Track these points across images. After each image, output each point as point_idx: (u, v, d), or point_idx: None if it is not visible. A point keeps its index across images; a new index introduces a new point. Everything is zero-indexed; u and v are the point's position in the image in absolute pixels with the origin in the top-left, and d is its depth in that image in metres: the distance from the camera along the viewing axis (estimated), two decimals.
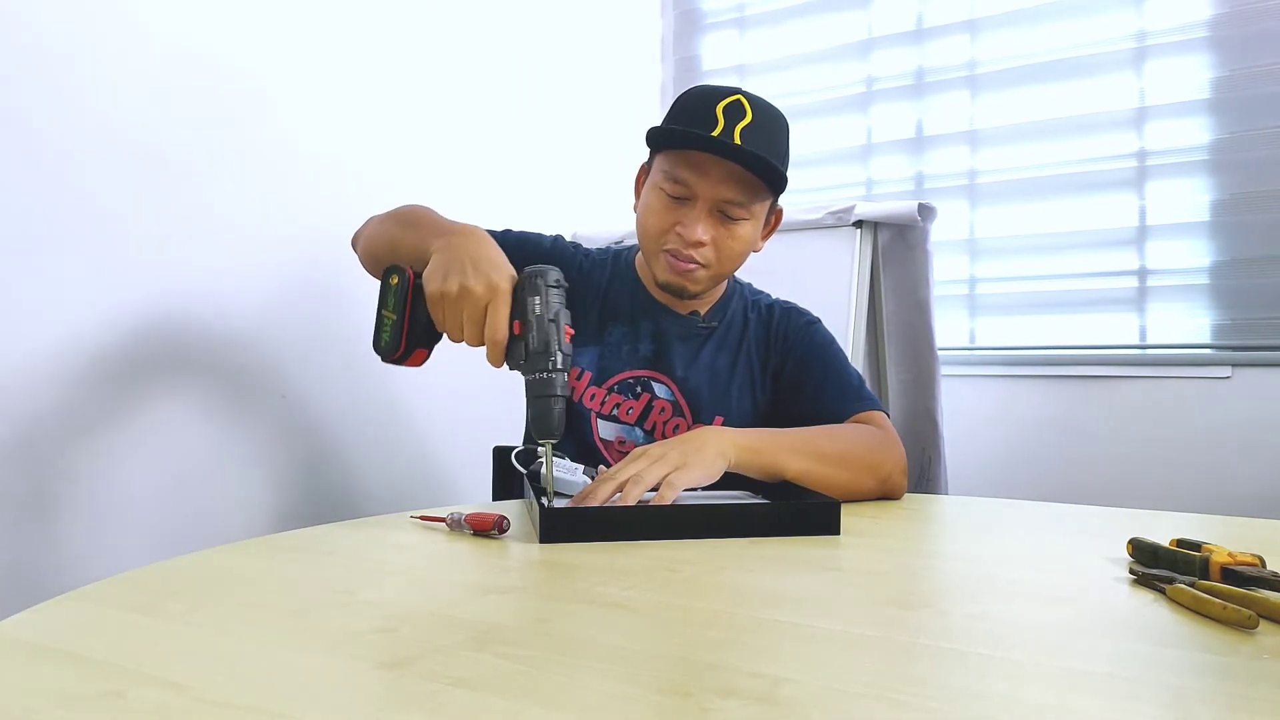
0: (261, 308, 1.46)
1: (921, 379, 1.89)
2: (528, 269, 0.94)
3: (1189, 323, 1.89)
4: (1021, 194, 2.04)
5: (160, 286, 1.32)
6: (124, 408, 1.27)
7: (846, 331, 1.74)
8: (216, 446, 1.39)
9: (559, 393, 0.92)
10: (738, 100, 1.15)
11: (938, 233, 1.90)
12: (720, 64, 2.42)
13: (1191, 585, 0.65)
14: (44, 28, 1.18)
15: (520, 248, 1.15)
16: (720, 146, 1.12)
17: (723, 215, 1.16)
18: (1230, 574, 0.68)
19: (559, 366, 0.91)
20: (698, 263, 1.17)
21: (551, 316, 0.92)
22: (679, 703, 0.46)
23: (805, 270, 1.80)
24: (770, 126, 1.17)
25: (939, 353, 1.89)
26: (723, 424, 1.23)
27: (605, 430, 1.24)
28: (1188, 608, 0.63)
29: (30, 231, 1.17)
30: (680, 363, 1.26)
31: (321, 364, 1.55)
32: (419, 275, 0.97)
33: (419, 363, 1.01)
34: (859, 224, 1.80)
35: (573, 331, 0.94)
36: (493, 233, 1.13)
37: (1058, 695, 0.48)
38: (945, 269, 2.06)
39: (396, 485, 1.32)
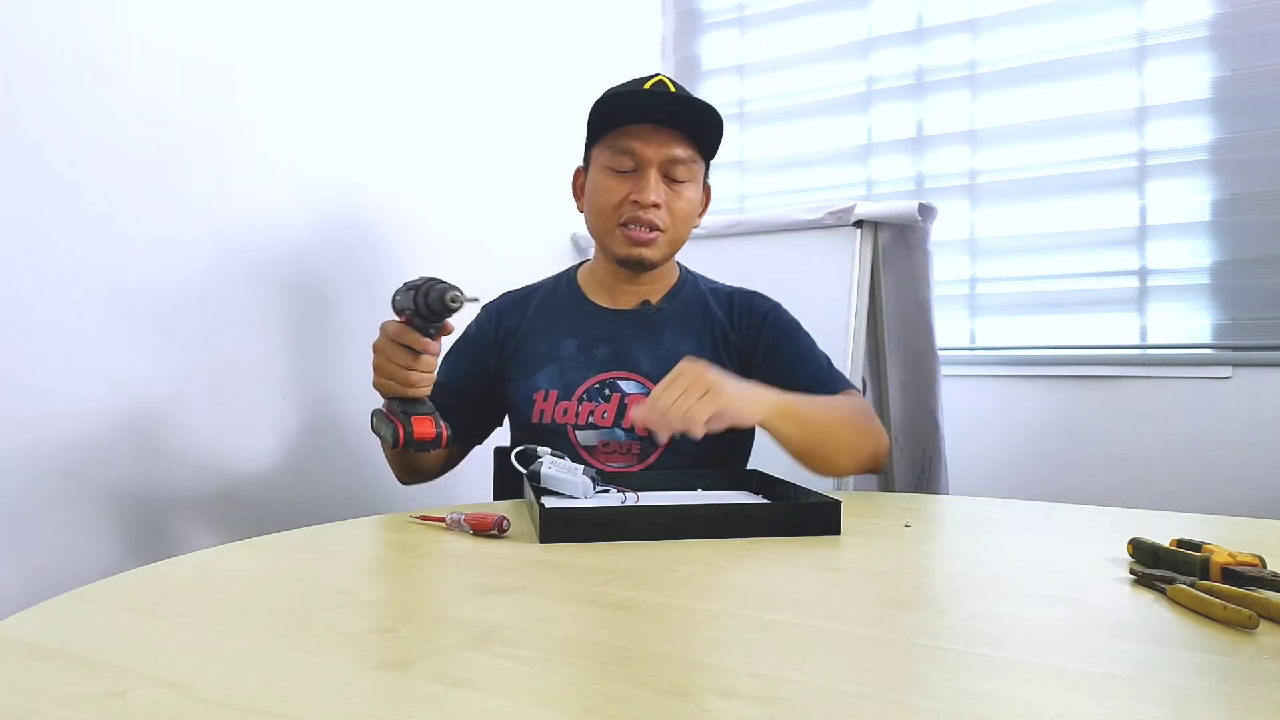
0: (260, 308, 1.46)
1: (922, 379, 1.89)
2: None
3: (1189, 323, 1.89)
4: (1021, 194, 2.04)
5: (160, 286, 1.32)
6: (124, 407, 1.27)
7: (846, 331, 1.74)
8: (216, 447, 1.39)
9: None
10: (660, 79, 1.25)
11: (938, 233, 1.90)
12: (720, 64, 2.41)
13: (1192, 585, 0.65)
14: (42, 29, 1.18)
15: (465, 349, 1.33)
16: (661, 96, 1.21)
17: (669, 179, 1.23)
18: (1230, 574, 0.68)
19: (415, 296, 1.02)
20: (656, 228, 1.23)
21: (412, 284, 1.02)
22: (679, 703, 0.46)
23: (805, 270, 1.80)
24: (693, 97, 1.26)
25: (939, 353, 1.89)
26: None
27: (585, 438, 1.25)
28: (1188, 608, 0.63)
29: (39, 237, 1.17)
30: (644, 356, 1.27)
31: (321, 364, 1.55)
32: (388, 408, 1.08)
33: (429, 430, 1.04)
34: (859, 224, 1.80)
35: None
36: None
37: (1058, 695, 0.48)
38: (945, 269, 2.06)
39: (396, 485, 1.32)
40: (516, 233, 1.94)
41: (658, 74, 1.26)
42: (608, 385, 1.25)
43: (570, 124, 2.11)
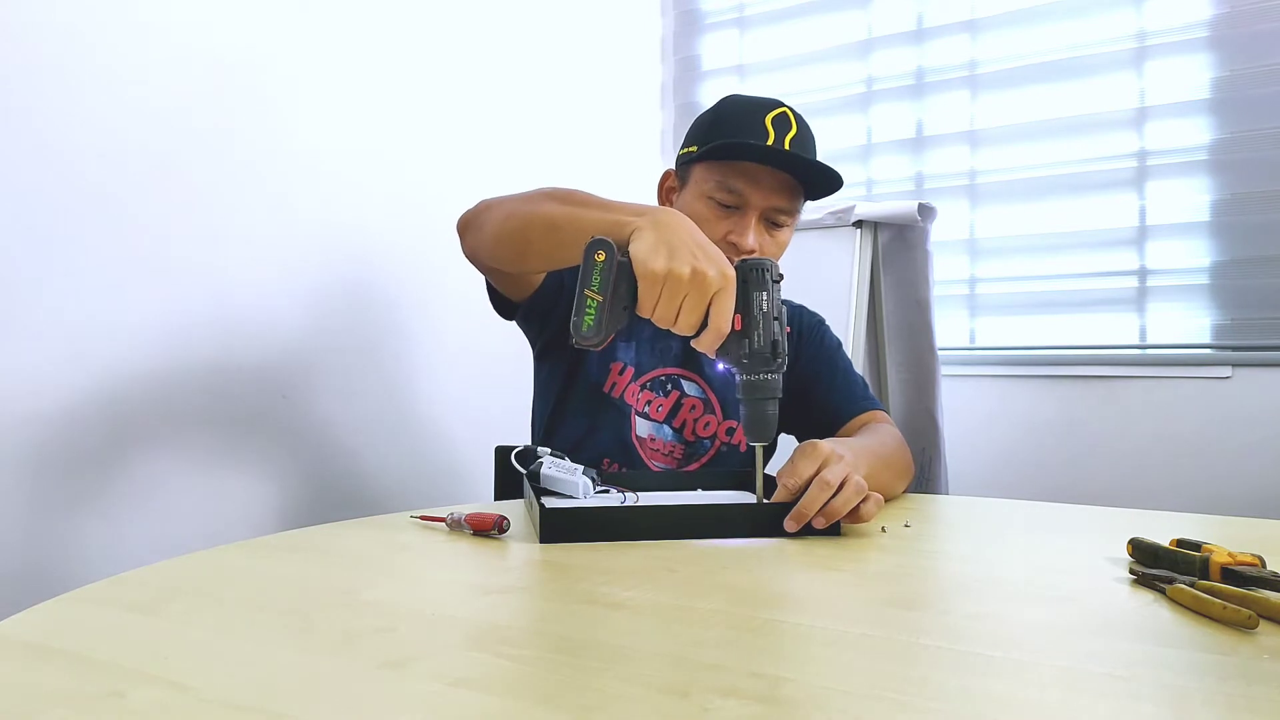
0: (262, 307, 1.46)
1: (921, 379, 1.89)
2: (746, 261, 0.90)
3: (1189, 323, 1.89)
4: (1021, 194, 2.04)
5: (165, 288, 1.32)
6: (127, 407, 1.27)
7: (846, 331, 1.74)
8: (217, 446, 1.39)
9: (777, 394, 0.89)
10: (784, 112, 1.19)
11: (938, 233, 1.90)
12: (720, 64, 2.41)
13: (1191, 585, 0.65)
14: (53, 33, 1.18)
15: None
16: (790, 157, 1.16)
17: (769, 223, 1.19)
18: (1230, 574, 0.68)
19: (781, 368, 0.89)
20: None
21: (776, 314, 0.89)
22: (679, 703, 0.46)
23: (805, 270, 1.80)
24: (811, 137, 1.22)
25: (939, 353, 1.89)
26: None
27: (640, 428, 1.24)
28: (1188, 608, 0.63)
29: (43, 237, 1.17)
30: (708, 360, 1.26)
31: (322, 364, 1.55)
32: (623, 253, 0.87)
33: (602, 346, 0.92)
34: (859, 224, 1.80)
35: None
36: None
37: (1058, 695, 0.48)
38: (945, 269, 2.06)
39: (397, 485, 1.32)
40: None
41: (781, 106, 1.20)
42: (670, 381, 1.25)
43: (570, 124, 2.12)
